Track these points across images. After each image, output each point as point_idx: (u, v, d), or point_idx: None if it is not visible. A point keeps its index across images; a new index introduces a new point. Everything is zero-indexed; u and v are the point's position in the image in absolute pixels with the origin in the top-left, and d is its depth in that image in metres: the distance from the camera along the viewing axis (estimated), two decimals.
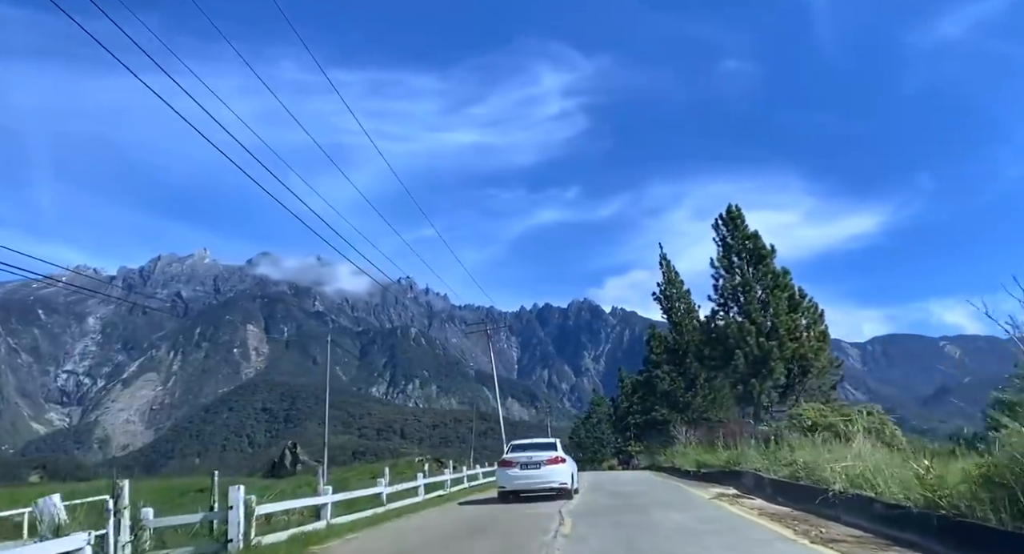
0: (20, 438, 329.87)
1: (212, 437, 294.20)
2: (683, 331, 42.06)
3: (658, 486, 21.60)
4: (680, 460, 27.80)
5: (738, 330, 28.29)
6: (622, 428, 69.97)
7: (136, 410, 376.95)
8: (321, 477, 17.66)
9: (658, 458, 36.42)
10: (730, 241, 31.18)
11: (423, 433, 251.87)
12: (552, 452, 18.14)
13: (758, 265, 29.94)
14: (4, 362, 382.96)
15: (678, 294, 43.40)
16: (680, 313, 43.05)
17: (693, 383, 41.37)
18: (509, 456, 18.46)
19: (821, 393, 26.05)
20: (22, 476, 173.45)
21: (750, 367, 27.50)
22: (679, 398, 41.72)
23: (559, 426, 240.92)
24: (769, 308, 28.36)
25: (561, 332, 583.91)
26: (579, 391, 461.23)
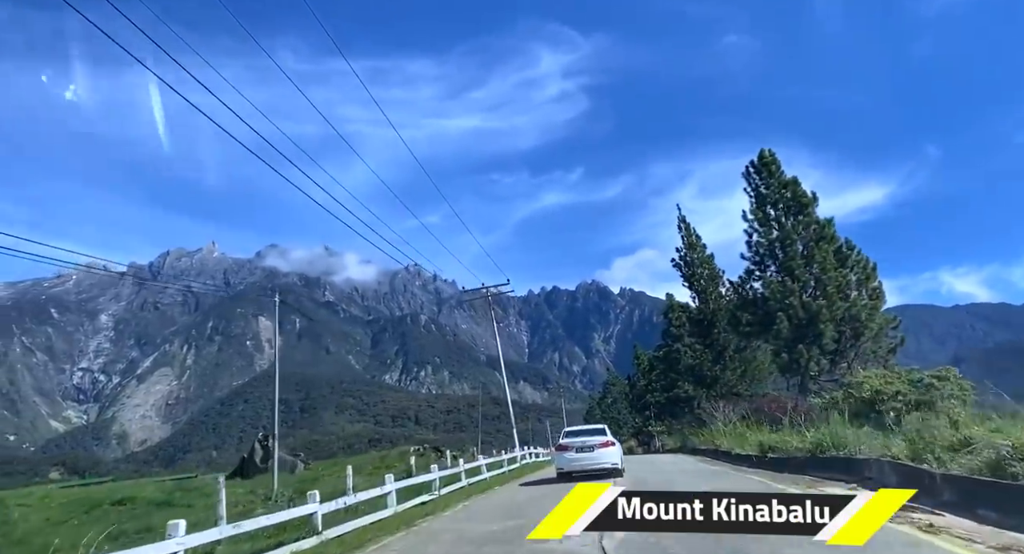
0: (40, 436, 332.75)
1: (229, 429, 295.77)
2: (708, 299, 39.09)
3: (728, 482, 15.30)
4: (726, 441, 24.00)
5: (779, 290, 25.15)
6: (640, 407, 67.70)
7: (152, 405, 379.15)
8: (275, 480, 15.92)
9: (691, 439, 33.14)
10: (764, 191, 27.86)
11: (437, 419, 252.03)
12: (603, 437, 20.45)
13: (798, 215, 26.71)
14: (20, 361, 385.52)
15: (700, 259, 40.16)
16: (703, 280, 39.86)
17: (721, 355, 38.37)
18: (564, 441, 20.84)
19: (877, 359, 23.38)
20: (42, 473, 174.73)
21: (795, 331, 24.58)
22: (705, 372, 38.45)
23: (572, 408, 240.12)
24: (813, 263, 25.16)
25: (570, 314, 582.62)
26: (590, 373, 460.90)
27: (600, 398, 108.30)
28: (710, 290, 39.12)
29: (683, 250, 40.66)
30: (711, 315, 38.69)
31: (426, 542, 9.90)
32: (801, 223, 26.31)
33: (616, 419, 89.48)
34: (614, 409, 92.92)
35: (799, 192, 26.95)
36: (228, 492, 10.83)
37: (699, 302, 39.78)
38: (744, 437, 21.77)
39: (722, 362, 38.02)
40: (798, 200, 26.77)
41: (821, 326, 23.83)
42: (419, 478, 17.10)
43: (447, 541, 9.68)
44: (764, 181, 27.87)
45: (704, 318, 39.36)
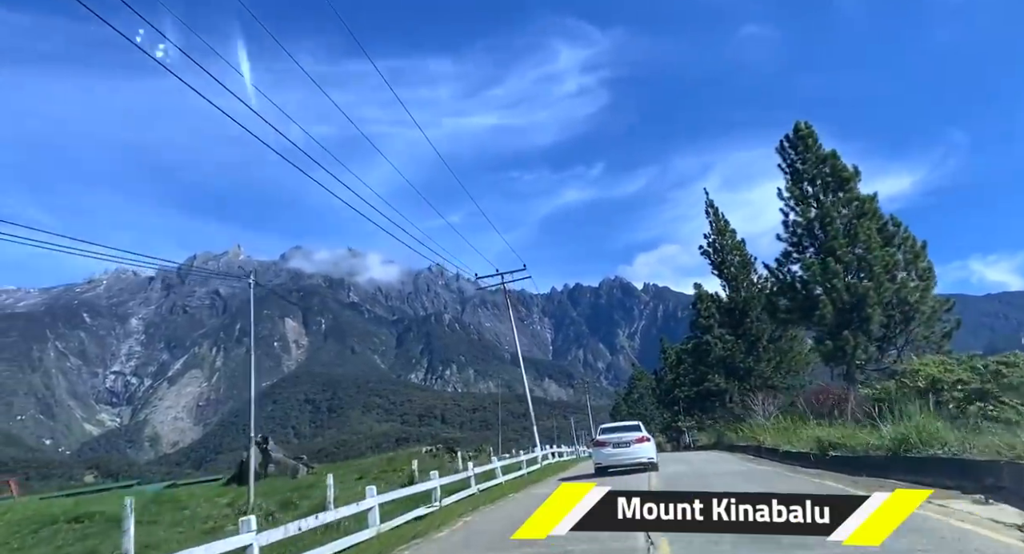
0: (75, 439, 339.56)
1: (258, 430, 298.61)
2: (739, 287, 36.81)
3: (794, 487, 12.49)
4: (770, 437, 21.75)
5: (820, 271, 22.96)
6: (668, 402, 66.19)
7: (183, 407, 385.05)
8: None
9: (728, 435, 31.04)
10: (800, 166, 25.67)
11: (463, 417, 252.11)
12: (638, 433, 21.38)
13: (838, 192, 24.54)
14: (54, 366, 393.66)
15: (730, 245, 37.72)
16: (734, 267, 37.49)
17: (754, 346, 36.08)
18: (602, 438, 21.96)
19: (929, 345, 21.64)
20: (77, 476, 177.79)
21: (839, 316, 22.50)
22: (738, 364, 36.24)
23: (598, 404, 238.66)
24: (857, 242, 23.07)
25: (594, 311, 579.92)
26: (615, 369, 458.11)
27: (626, 394, 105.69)
28: (741, 278, 36.98)
29: (712, 236, 38.47)
30: (743, 304, 36.45)
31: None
32: (842, 200, 24.27)
33: (643, 415, 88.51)
34: (640, 405, 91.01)
35: (838, 166, 24.71)
36: (209, 505, 9.71)
37: (730, 290, 37.45)
38: (792, 432, 19.74)
39: (755, 353, 35.70)
40: (838, 175, 24.58)
41: (868, 310, 21.78)
42: (417, 487, 14.30)
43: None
44: (800, 156, 25.71)
45: (736, 307, 36.95)
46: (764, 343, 35.54)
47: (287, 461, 30.37)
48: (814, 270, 23.57)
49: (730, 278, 37.53)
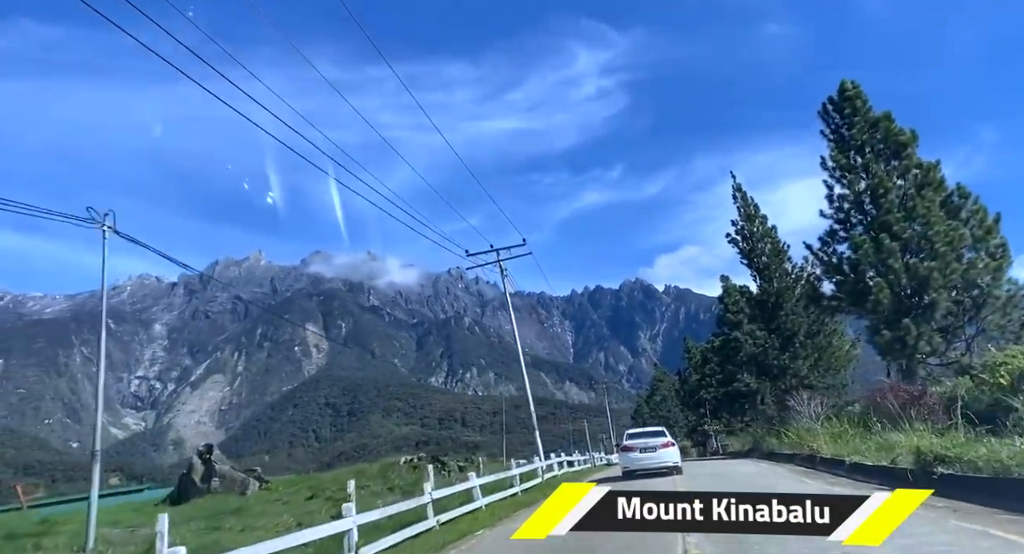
0: (101, 443, 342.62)
1: (279, 434, 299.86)
2: (771, 277, 33.18)
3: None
4: (828, 445, 18.11)
5: (874, 250, 19.62)
6: (693, 404, 63.56)
7: (206, 411, 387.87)
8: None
9: (767, 441, 27.18)
10: (846, 132, 22.12)
11: (483, 420, 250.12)
12: (663, 438, 22.45)
13: (893, 159, 20.93)
14: (80, 371, 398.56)
15: (761, 232, 34.11)
16: (765, 255, 33.86)
17: (789, 341, 32.48)
18: (628, 442, 22.94)
19: (1005, 335, 18.60)
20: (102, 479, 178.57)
21: (897, 302, 19.37)
22: (771, 362, 32.61)
23: (619, 407, 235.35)
24: (916, 217, 19.58)
25: (614, 314, 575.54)
26: (637, 372, 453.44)
27: (648, 396, 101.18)
28: (774, 267, 33.37)
29: (740, 223, 34.80)
30: (776, 296, 33.03)
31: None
32: (897, 168, 20.77)
33: (666, 418, 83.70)
34: (663, 407, 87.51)
35: (893, 130, 20.90)
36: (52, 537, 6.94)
37: (761, 281, 33.87)
38: (856, 439, 16.18)
39: (791, 350, 32.23)
40: (892, 140, 20.88)
41: (932, 294, 18.73)
42: (335, 526, 9.36)
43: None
44: (846, 120, 21.95)
45: (768, 299, 33.40)
46: (800, 339, 32.12)
47: (235, 475, 25.64)
48: (866, 249, 20.33)
49: (761, 268, 33.88)
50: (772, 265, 33.47)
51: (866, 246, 20.46)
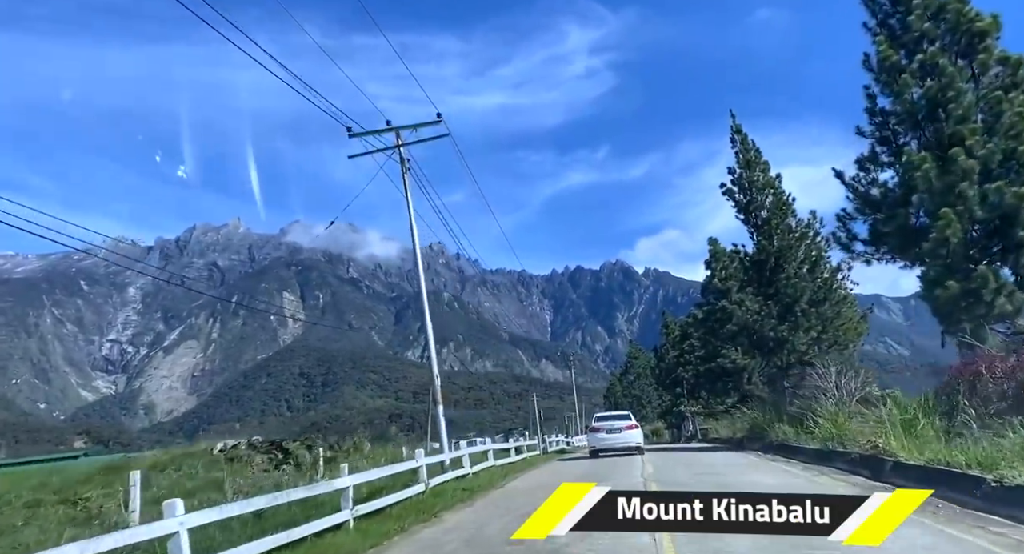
0: (70, 405, 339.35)
1: (251, 402, 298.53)
2: (772, 233, 28.24)
3: None
4: (909, 445, 11.49)
5: (937, 171, 14.63)
6: (669, 384, 59.91)
7: (178, 377, 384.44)
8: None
9: (777, 429, 21.40)
10: (898, 19, 16.81)
11: (458, 395, 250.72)
12: (628, 421, 24.83)
13: (966, 54, 15.75)
14: (51, 332, 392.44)
15: (762, 182, 29.16)
16: (766, 208, 28.95)
17: (790, 310, 27.38)
18: (596, 424, 25.24)
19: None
20: (67, 441, 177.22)
21: (965, 244, 14.55)
22: (766, 334, 27.64)
23: (594, 386, 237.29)
24: (996, 129, 14.78)
25: (594, 294, 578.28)
26: (613, 352, 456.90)
27: (621, 374, 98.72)
28: (775, 222, 28.31)
29: (738, 170, 29.76)
30: (777, 256, 28.01)
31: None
32: (971, 65, 15.59)
33: (639, 398, 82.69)
34: (636, 386, 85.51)
35: (967, 15, 15.51)
36: None
37: (759, 238, 28.81)
38: (972, 441, 9.87)
39: (791, 319, 27.33)
40: (965, 28, 15.45)
41: (1021, 231, 13.97)
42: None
43: None
44: (901, 5, 16.62)
45: (766, 259, 28.42)
46: (802, 307, 27.29)
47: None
48: (925, 171, 15.00)
49: (760, 223, 28.91)
50: (774, 220, 28.65)
51: (926, 167, 15.15)
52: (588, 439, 26.26)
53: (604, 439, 23.86)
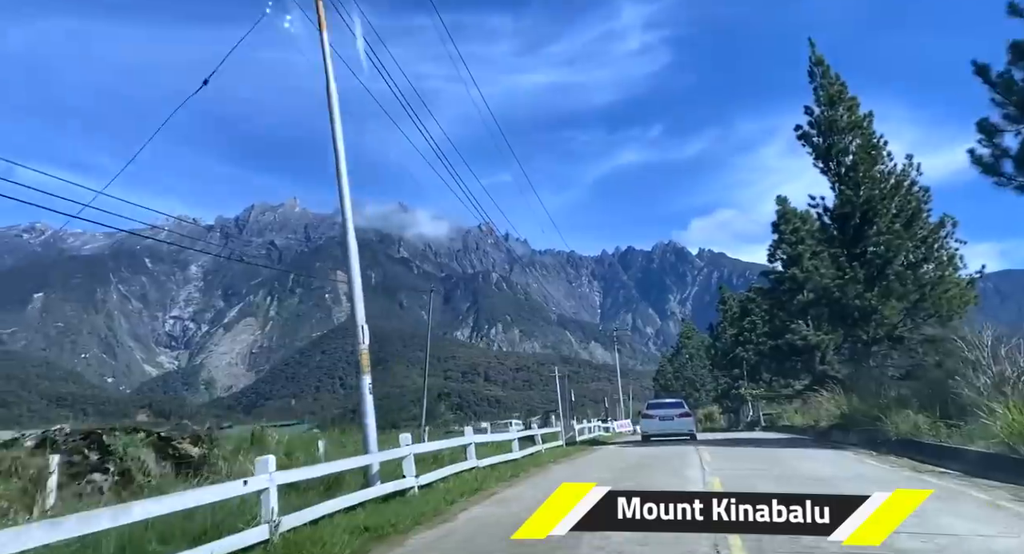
0: (135, 379, 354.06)
1: (306, 379, 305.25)
2: (858, 182, 23.37)
3: None
4: None
5: None
6: (726, 364, 55.37)
7: (237, 353, 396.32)
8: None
9: (895, 419, 15.16)
10: None
11: (506, 376, 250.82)
12: (681, 408, 25.53)
13: None
14: (117, 308, 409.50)
15: (848, 122, 24.05)
16: (852, 153, 24.05)
17: (881, 273, 22.70)
18: (649, 411, 25.93)
19: None
20: (131, 415, 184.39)
21: None
22: (850, 303, 22.85)
23: (645, 369, 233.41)
24: None
25: (645, 275, 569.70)
26: (664, 335, 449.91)
27: (672, 355, 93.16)
28: (863, 169, 23.54)
29: (818, 109, 24.91)
30: (865, 208, 23.29)
31: None
32: None
33: (692, 380, 78.48)
34: (689, 368, 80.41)
35: None
36: None
37: (843, 188, 23.89)
38: None
39: (882, 284, 22.68)
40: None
41: None
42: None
43: None
44: None
45: (851, 213, 23.69)
46: (896, 269, 22.66)
47: None
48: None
49: (844, 171, 24.22)
50: (861, 166, 23.73)
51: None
52: (641, 424, 26.92)
53: (657, 425, 24.44)
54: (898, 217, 23.19)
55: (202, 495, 6.07)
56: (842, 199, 23.86)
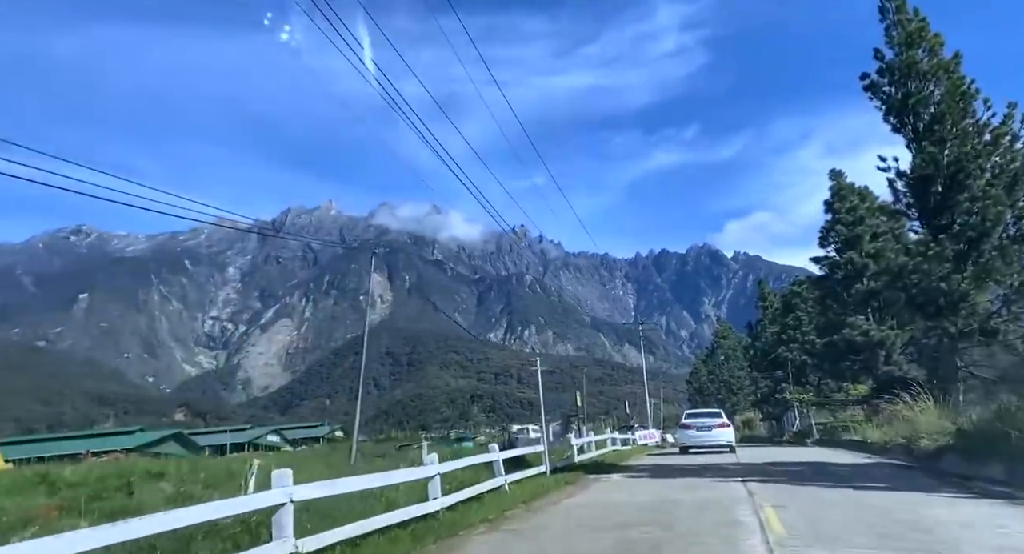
0: (175, 379, 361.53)
1: (341, 380, 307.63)
2: (944, 138, 19.30)
3: None
4: None
5: None
6: (767, 366, 50.30)
7: (274, 354, 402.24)
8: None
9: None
10: None
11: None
12: (719, 419, 24.65)
13: None
14: (157, 309, 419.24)
15: (932, 66, 19.79)
16: (934, 104, 19.65)
17: (975, 248, 18.48)
18: (687, 421, 25.07)
19: None
20: (169, 413, 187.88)
21: None
22: (933, 286, 18.35)
23: (678, 373, 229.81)
24: None
25: (679, 278, 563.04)
26: (699, 338, 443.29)
27: (707, 356, 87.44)
28: (950, 121, 19.23)
29: (892, 51, 20.60)
30: (954, 168, 18.93)
31: None
32: None
33: (728, 383, 73.51)
34: (725, 370, 74.83)
35: None
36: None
37: (927, 144, 19.37)
38: None
39: (977, 262, 18.32)
40: None
41: None
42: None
43: None
44: None
45: (934, 175, 19.27)
46: (995, 243, 18.23)
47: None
48: None
49: (925, 125, 19.83)
50: (948, 117, 19.35)
51: None
52: (678, 435, 26.48)
53: (694, 436, 23.92)
54: (997, 179, 18.84)
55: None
56: (924, 158, 19.35)
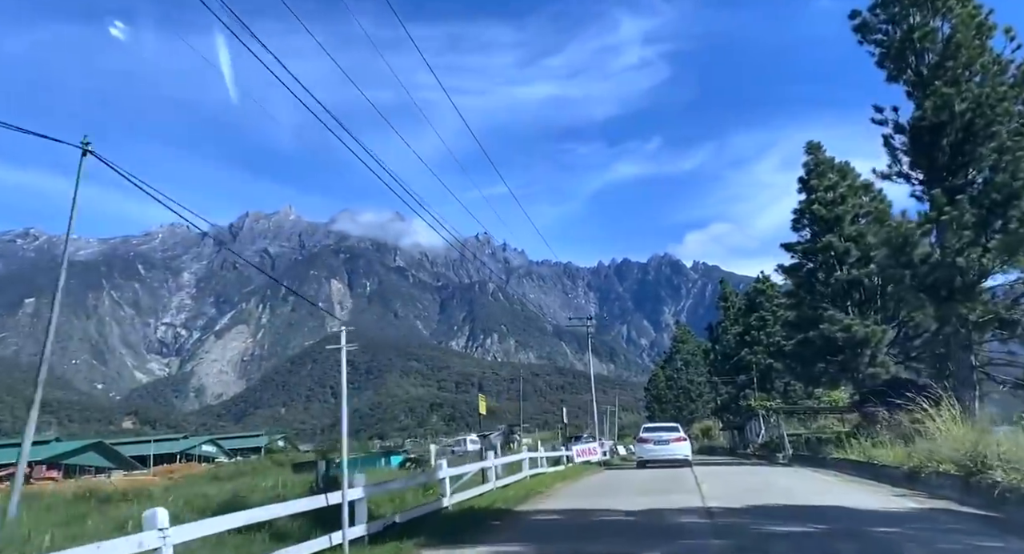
0: (125, 386, 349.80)
1: (297, 388, 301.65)
2: (957, 79, 16.17)
3: None
4: None
5: None
6: (729, 370, 46.33)
7: (228, 361, 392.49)
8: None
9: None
10: None
11: (500, 386, 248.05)
12: (676, 433, 24.65)
13: None
14: (108, 314, 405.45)
15: (938, 4, 16.95)
16: (941, 41, 16.76)
17: (997, 214, 15.30)
18: (644, 435, 24.94)
19: None
20: (117, 421, 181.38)
21: None
22: (947, 261, 15.02)
23: (638, 381, 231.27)
24: None
25: (640, 287, 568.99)
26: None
27: (665, 361, 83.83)
28: (965, 57, 16.22)
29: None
30: (972, 114, 15.64)
31: None
32: None
33: (687, 389, 69.96)
34: (683, 375, 71.26)
35: None
36: None
37: (940, 84, 15.96)
38: None
39: (1004, 228, 15.35)
40: None
41: None
42: None
43: None
44: None
45: (945, 123, 16.00)
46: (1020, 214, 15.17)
47: None
48: None
49: (927, 71, 16.58)
50: (964, 51, 16.05)
51: None
52: (636, 449, 26.26)
53: (651, 450, 23.75)
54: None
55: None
56: (935, 103, 15.43)
